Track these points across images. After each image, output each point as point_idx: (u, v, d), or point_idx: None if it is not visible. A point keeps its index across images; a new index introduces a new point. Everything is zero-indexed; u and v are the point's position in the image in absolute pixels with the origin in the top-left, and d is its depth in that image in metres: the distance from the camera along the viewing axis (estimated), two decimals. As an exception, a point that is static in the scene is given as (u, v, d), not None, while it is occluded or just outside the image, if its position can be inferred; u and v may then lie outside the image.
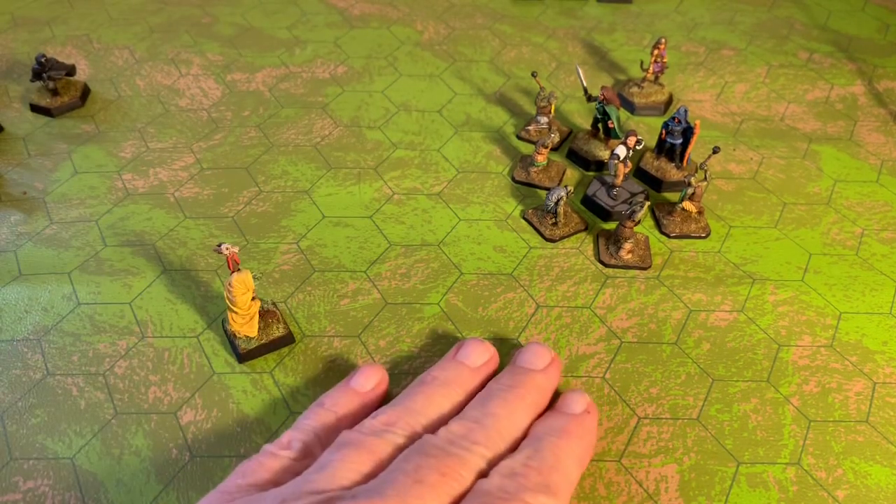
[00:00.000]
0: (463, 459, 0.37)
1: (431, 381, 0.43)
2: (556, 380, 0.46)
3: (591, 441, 0.43)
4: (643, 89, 0.75)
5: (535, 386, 0.43)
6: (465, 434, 0.38)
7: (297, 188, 0.65)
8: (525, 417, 0.42)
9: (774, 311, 0.55)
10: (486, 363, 0.46)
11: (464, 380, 0.44)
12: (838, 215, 0.63)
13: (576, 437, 0.41)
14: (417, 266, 0.58)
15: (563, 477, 0.38)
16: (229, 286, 0.47)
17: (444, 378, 0.44)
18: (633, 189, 0.63)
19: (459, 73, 0.80)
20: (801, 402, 0.49)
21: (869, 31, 0.89)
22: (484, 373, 0.45)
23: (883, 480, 0.45)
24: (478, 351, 0.46)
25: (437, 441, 0.38)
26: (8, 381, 0.49)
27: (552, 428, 0.41)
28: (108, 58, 0.81)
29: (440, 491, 0.35)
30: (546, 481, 0.37)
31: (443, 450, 0.37)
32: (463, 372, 0.45)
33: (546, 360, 0.46)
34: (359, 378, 0.45)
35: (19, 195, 0.64)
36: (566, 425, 0.41)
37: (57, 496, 0.43)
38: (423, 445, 0.37)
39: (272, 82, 0.78)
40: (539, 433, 0.40)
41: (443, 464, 0.36)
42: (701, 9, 0.93)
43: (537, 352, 0.46)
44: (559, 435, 0.40)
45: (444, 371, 0.44)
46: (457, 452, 0.37)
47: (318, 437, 0.40)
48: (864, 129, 0.73)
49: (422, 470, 0.36)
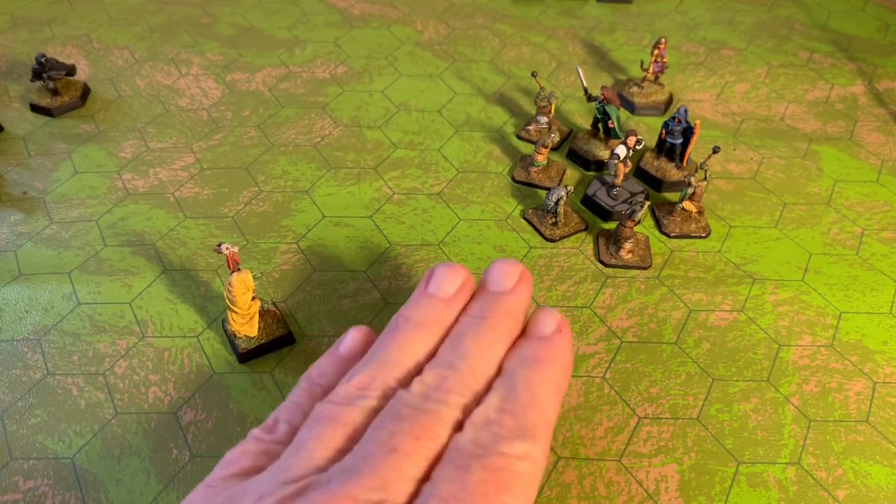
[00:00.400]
0: (438, 415, 0.37)
1: (404, 323, 0.43)
2: (527, 298, 0.45)
3: (567, 363, 0.42)
4: (643, 89, 0.75)
5: (506, 312, 0.43)
6: (439, 384, 0.38)
7: (297, 188, 0.65)
8: (499, 348, 0.42)
9: (774, 310, 0.55)
10: (460, 289, 0.45)
11: (438, 316, 0.43)
12: (838, 215, 0.63)
13: (549, 364, 0.41)
14: (417, 266, 0.58)
15: (540, 414, 0.38)
16: (229, 286, 0.47)
17: (416, 318, 0.43)
18: (633, 189, 0.63)
19: (459, 73, 0.80)
20: (801, 401, 0.49)
21: (869, 31, 0.88)
22: (459, 301, 0.45)
23: (883, 480, 0.45)
24: (449, 277, 0.45)
25: (410, 399, 0.38)
26: (8, 380, 0.49)
27: (524, 359, 0.41)
28: (108, 58, 0.81)
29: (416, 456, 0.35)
30: (523, 423, 0.37)
31: (416, 408, 0.37)
32: (436, 307, 0.44)
33: (515, 278, 0.45)
34: (348, 342, 0.45)
35: (19, 195, 0.64)
36: (537, 352, 0.41)
37: (57, 496, 0.43)
38: (395, 407, 0.37)
39: (272, 82, 0.78)
40: (511, 367, 0.40)
41: (416, 425, 0.36)
42: (701, 9, 0.93)
43: (504, 270, 0.45)
44: (531, 366, 0.40)
45: (416, 310, 0.44)
46: (431, 408, 0.37)
47: (305, 414, 0.40)
48: (864, 129, 0.73)
49: (395, 437, 0.36)
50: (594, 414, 0.48)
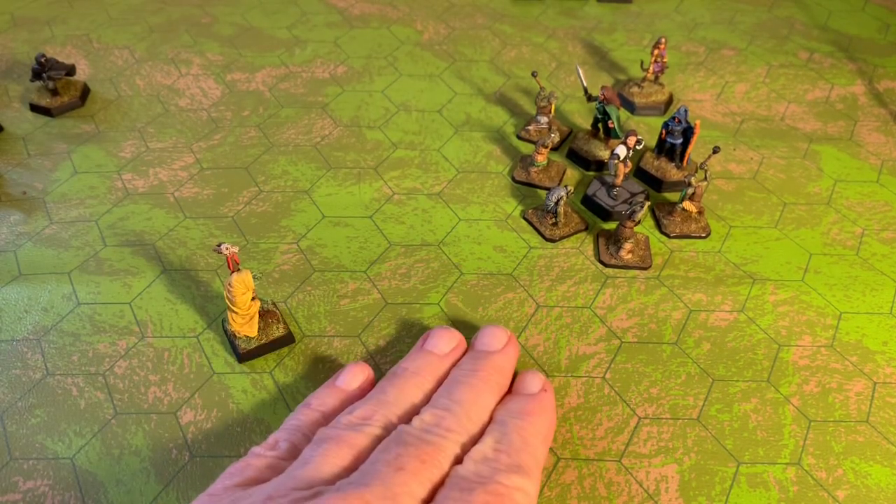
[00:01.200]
0: (439, 446, 0.39)
1: (402, 372, 0.46)
2: (514, 358, 0.48)
3: (552, 417, 0.45)
4: (643, 89, 0.75)
5: (495, 368, 0.46)
6: (438, 422, 0.40)
7: (297, 188, 0.65)
8: (490, 399, 0.44)
9: (775, 311, 0.55)
10: (454, 349, 0.48)
11: (433, 368, 0.46)
12: (838, 215, 0.63)
13: (537, 416, 0.43)
14: (417, 266, 0.58)
15: (531, 456, 0.40)
16: (229, 286, 0.47)
17: (413, 368, 0.46)
18: (634, 189, 0.63)
19: (459, 73, 0.80)
20: (801, 402, 0.49)
21: (869, 31, 0.88)
22: (452, 358, 0.48)
23: (883, 480, 0.45)
24: (445, 339, 0.48)
25: (413, 430, 0.40)
26: (8, 381, 0.49)
27: (513, 411, 0.43)
28: (108, 58, 0.81)
29: (421, 477, 0.37)
30: (517, 462, 0.39)
31: (419, 438, 0.39)
32: (432, 361, 0.47)
33: (503, 341, 0.48)
34: (345, 377, 0.46)
35: (19, 195, 0.64)
36: (526, 406, 0.43)
37: (57, 496, 0.43)
38: (400, 435, 0.39)
39: (272, 82, 0.78)
40: (502, 417, 0.42)
41: (421, 451, 0.38)
42: (701, 8, 0.93)
43: (494, 333, 0.48)
44: (521, 417, 0.42)
45: (413, 362, 0.46)
46: (432, 440, 0.39)
47: (305, 436, 0.41)
48: (864, 129, 0.73)
49: (402, 458, 0.37)
50: (594, 414, 0.48)
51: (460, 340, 0.48)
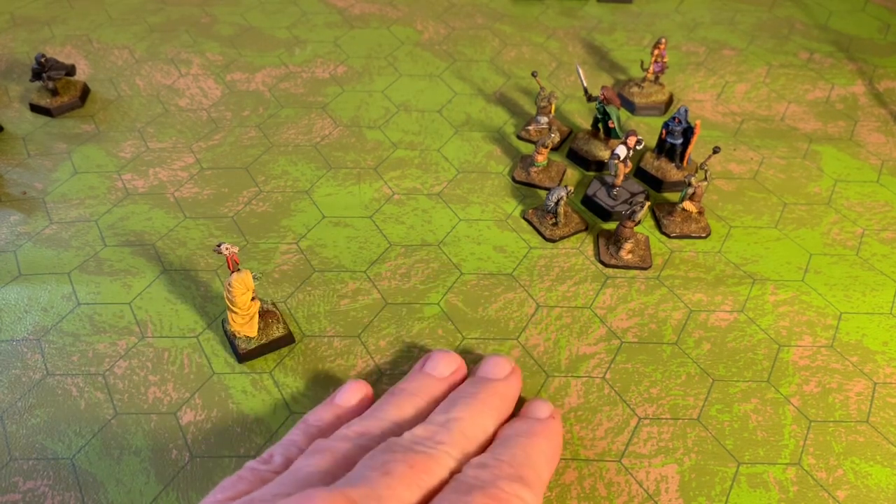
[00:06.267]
0: (430, 456, 0.38)
1: (399, 392, 0.45)
2: (517, 388, 0.47)
3: (559, 444, 0.44)
4: (643, 89, 0.75)
5: (496, 393, 0.45)
6: (430, 436, 0.40)
7: (297, 188, 0.65)
8: (490, 421, 0.43)
9: (775, 311, 0.55)
10: (454, 373, 0.47)
11: (431, 390, 0.45)
12: (839, 215, 0.63)
13: (543, 438, 0.42)
14: (417, 266, 0.58)
15: (534, 472, 0.39)
16: (229, 286, 0.47)
17: (411, 389, 0.45)
18: (634, 189, 0.63)
19: (459, 73, 0.80)
20: (801, 402, 0.49)
21: (869, 31, 0.88)
22: (451, 382, 0.47)
23: (883, 481, 0.45)
24: (444, 362, 0.47)
25: (402, 441, 0.39)
26: (8, 381, 0.49)
27: (519, 430, 0.42)
28: (108, 58, 0.81)
29: (410, 481, 0.36)
30: (519, 473, 0.38)
31: (408, 448, 0.38)
32: (430, 383, 0.46)
33: (506, 371, 0.47)
34: (343, 394, 0.46)
35: (19, 195, 0.64)
36: (532, 428, 0.42)
37: (57, 496, 0.43)
38: (388, 444, 0.39)
39: (272, 82, 0.78)
40: (507, 435, 0.41)
41: (409, 458, 0.38)
42: (701, 9, 0.93)
43: (498, 363, 0.47)
44: (527, 436, 0.41)
45: (411, 383, 0.46)
46: (422, 450, 0.38)
47: (300, 450, 0.41)
48: (864, 129, 0.73)
49: (389, 464, 0.37)
50: (594, 414, 0.48)
51: (460, 365, 0.47)
